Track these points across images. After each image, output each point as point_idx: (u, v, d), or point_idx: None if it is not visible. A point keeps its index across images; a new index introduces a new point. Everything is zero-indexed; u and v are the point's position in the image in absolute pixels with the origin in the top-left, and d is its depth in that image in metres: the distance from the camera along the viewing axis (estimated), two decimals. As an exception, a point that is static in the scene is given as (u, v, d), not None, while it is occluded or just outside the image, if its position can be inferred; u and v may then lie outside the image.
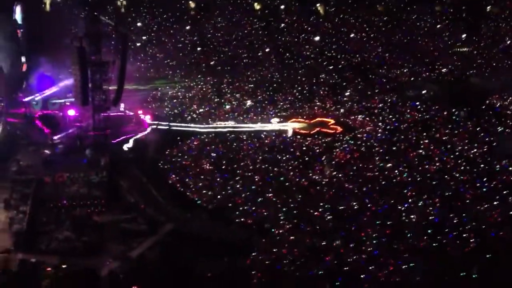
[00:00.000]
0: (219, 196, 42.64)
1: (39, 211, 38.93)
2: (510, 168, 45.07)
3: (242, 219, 39.60)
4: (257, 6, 61.55)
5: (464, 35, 63.89)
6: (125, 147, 49.03)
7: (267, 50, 63.22)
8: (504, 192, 41.58)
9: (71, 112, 51.51)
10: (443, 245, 35.34)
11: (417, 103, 57.14)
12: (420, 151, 49.20)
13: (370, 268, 33.11)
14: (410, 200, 40.99)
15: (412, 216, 38.88)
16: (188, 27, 62.09)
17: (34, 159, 45.07)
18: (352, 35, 63.31)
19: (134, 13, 58.67)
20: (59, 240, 35.98)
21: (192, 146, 51.69)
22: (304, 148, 51.04)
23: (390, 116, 55.31)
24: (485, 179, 43.62)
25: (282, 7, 61.98)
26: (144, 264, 34.19)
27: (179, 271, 33.64)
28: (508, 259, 33.36)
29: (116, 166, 44.96)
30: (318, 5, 61.81)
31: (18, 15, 55.45)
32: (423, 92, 59.58)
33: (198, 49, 63.14)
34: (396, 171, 45.84)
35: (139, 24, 58.60)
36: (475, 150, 48.71)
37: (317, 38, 61.58)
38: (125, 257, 34.42)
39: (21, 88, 55.18)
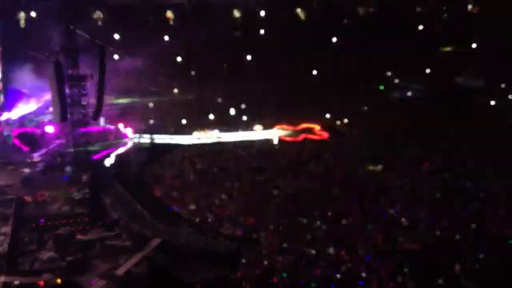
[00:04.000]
0: (205, 208, 41.93)
1: (20, 232, 37.96)
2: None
3: (230, 231, 38.90)
4: (236, 14, 60.62)
5: (446, 35, 63.57)
6: (107, 162, 48.09)
7: (248, 57, 62.54)
8: (494, 192, 41.19)
9: (50, 129, 50.63)
10: (435, 248, 34.66)
11: (403, 104, 56.92)
12: (409, 153, 48.73)
13: (363, 274, 32.38)
14: (400, 203, 40.41)
15: (403, 219, 38.27)
16: (167, 38, 61.15)
17: (13, 179, 44.36)
18: (334, 39, 62.70)
19: (111, 25, 57.76)
20: (42, 261, 35.08)
21: (176, 159, 50.98)
22: (291, 155, 50.51)
23: (377, 119, 54.79)
24: (475, 179, 43.18)
25: (262, 13, 61.02)
26: (131, 281, 33.36)
27: (167, 286, 33.02)
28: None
29: (98, 182, 44.20)
30: (298, 10, 61.08)
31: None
32: (409, 93, 59.38)
33: (178, 59, 62.28)
34: (385, 174, 45.46)
35: (116, 36, 57.57)
36: (464, 150, 48.37)
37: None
38: (112, 275, 33.62)
39: (-3, 107, 54.27)
